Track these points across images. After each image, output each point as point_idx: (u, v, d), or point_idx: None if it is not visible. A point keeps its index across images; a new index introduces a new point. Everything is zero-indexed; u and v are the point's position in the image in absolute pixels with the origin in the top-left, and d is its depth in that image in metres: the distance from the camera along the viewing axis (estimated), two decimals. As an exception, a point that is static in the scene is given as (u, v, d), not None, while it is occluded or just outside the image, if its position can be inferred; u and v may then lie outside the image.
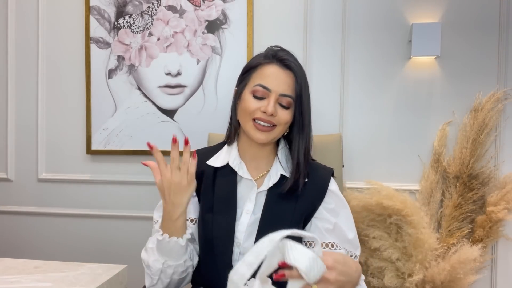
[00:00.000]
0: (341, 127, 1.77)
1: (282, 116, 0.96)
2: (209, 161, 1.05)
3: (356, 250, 1.01)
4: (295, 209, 0.98)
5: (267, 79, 0.96)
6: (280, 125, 0.97)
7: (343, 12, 1.75)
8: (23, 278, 0.86)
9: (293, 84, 0.97)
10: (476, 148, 1.64)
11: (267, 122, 0.95)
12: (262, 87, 0.95)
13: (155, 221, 1.06)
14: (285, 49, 1.02)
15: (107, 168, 1.91)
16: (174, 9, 1.82)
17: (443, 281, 1.54)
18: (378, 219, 1.61)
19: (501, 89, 1.66)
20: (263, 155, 1.04)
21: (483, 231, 1.61)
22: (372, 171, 1.75)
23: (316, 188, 1.01)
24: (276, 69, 0.97)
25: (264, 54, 1.01)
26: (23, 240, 2.00)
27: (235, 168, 1.02)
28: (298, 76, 0.97)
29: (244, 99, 0.98)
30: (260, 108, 0.95)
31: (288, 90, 0.96)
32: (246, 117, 0.97)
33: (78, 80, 1.93)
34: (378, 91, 1.75)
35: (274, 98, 0.95)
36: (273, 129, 0.97)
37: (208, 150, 1.10)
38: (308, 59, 1.77)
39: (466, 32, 1.68)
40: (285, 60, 0.97)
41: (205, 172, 1.04)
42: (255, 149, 1.03)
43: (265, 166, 1.05)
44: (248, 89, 0.98)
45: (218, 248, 0.98)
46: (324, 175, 1.04)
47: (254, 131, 0.97)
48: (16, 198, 2.00)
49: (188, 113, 1.84)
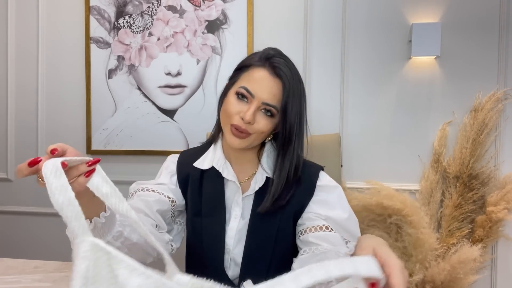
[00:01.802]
0: (341, 127, 1.77)
1: (260, 124, 0.91)
2: (196, 163, 1.01)
3: (354, 239, 0.92)
4: (284, 212, 0.95)
5: (253, 84, 0.91)
6: (255, 133, 0.91)
7: (343, 12, 1.75)
8: (23, 278, 0.86)
9: (279, 94, 0.91)
10: (476, 148, 1.64)
11: (242, 130, 0.90)
12: (246, 91, 0.91)
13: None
14: (283, 55, 0.95)
15: (107, 168, 1.90)
16: (174, 9, 1.82)
17: (443, 281, 1.54)
18: (378, 219, 1.61)
19: (501, 89, 1.66)
20: (246, 159, 1.00)
21: (483, 231, 1.61)
22: (372, 171, 1.75)
23: (305, 186, 0.97)
24: (265, 75, 0.91)
25: (259, 55, 0.96)
26: (23, 240, 2.00)
27: (219, 169, 0.98)
28: (286, 86, 0.90)
29: (227, 100, 0.94)
30: (239, 113, 0.90)
31: (273, 99, 0.90)
32: (225, 120, 0.93)
33: (78, 80, 1.93)
34: (378, 91, 1.75)
35: (255, 105, 0.90)
36: (248, 136, 0.91)
37: (194, 151, 1.06)
38: (308, 59, 1.77)
39: (466, 32, 1.68)
40: (277, 68, 0.91)
41: (190, 174, 1.00)
42: (237, 152, 0.99)
43: (250, 169, 1.01)
44: (234, 89, 0.94)
45: (208, 255, 0.96)
46: (312, 173, 0.99)
47: (229, 135, 0.92)
48: (16, 198, 2.00)
49: (188, 113, 1.84)
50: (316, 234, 0.90)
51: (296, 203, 0.96)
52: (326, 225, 0.91)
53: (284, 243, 0.96)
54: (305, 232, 0.93)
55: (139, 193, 0.97)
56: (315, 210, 0.94)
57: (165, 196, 0.98)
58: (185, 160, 1.03)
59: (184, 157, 1.05)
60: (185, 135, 1.85)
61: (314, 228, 0.91)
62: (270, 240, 0.95)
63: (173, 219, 1.02)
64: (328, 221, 0.92)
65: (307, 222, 0.94)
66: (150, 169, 1.89)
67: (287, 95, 0.90)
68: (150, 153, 1.87)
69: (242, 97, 0.91)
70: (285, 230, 0.96)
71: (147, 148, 1.88)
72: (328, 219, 0.92)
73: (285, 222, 0.95)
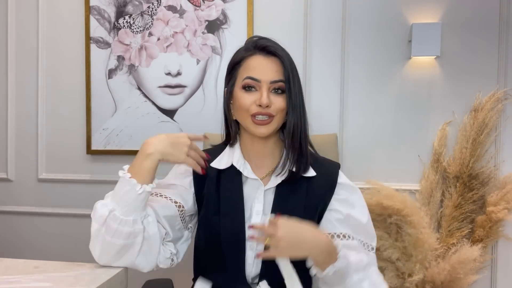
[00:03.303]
0: (341, 127, 1.77)
1: (277, 104, 0.95)
2: (213, 163, 1.02)
3: (371, 240, 0.99)
4: (305, 206, 0.97)
5: (254, 71, 0.95)
6: (277, 114, 0.96)
7: (343, 12, 1.75)
8: (23, 278, 0.86)
9: (280, 69, 0.96)
10: (476, 148, 1.64)
11: (264, 114, 0.94)
12: (251, 79, 0.95)
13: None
14: (264, 37, 1.01)
15: (107, 168, 1.91)
16: (174, 9, 1.82)
17: (443, 281, 1.54)
18: (378, 219, 1.61)
19: (501, 89, 1.66)
20: (267, 152, 1.02)
21: (483, 231, 1.61)
22: (372, 171, 1.75)
23: (326, 182, 1.00)
24: (260, 59, 0.96)
25: (244, 48, 1.00)
26: (23, 240, 2.00)
27: (239, 169, 1.00)
28: (284, 59, 0.96)
29: (237, 97, 0.97)
30: (255, 101, 0.94)
31: (277, 75, 0.95)
32: (244, 114, 0.96)
33: (78, 80, 1.93)
34: (378, 91, 1.75)
35: (266, 87, 0.94)
36: (272, 120, 0.95)
37: (209, 151, 1.07)
38: (308, 59, 1.77)
39: (466, 32, 1.68)
40: (267, 47, 0.97)
41: (207, 174, 1.01)
42: (258, 146, 1.01)
43: (270, 163, 1.02)
44: (238, 86, 0.97)
45: (228, 254, 0.95)
46: (332, 170, 1.03)
47: (254, 127, 0.95)
48: (16, 198, 2.00)
49: (188, 113, 1.84)
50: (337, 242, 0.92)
51: (319, 198, 0.98)
52: (343, 233, 0.95)
53: None
54: None
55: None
56: (336, 207, 0.98)
57: (172, 201, 0.98)
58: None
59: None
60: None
61: (338, 235, 0.95)
62: None
63: (185, 225, 1.02)
64: (349, 221, 0.96)
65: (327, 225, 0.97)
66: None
67: (287, 66, 0.96)
68: (150, 153, 1.87)
69: (249, 88, 0.95)
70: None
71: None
72: (350, 219, 0.96)
73: (309, 216, 0.95)
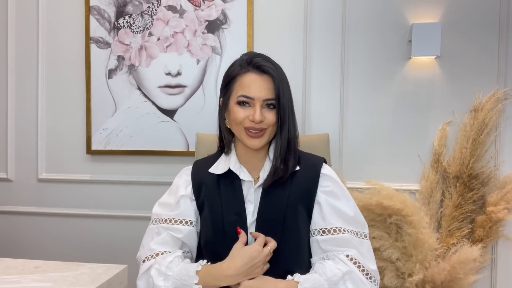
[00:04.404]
0: (341, 127, 1.77)
1: (270, 118, 1.01)
2: (211, 169, 1.08)
3: (363, 228, 1.03)
4: (289, 196, 1.02)
5: (248, 89, 1.01)
6: (269, 127, 1.02)
7: (343, 12, 1.75)
8: (23, 278, 0.86)
9: (272, 86, 1.02)
10: (476, 148, 1.64)
11: (257, 129, 1.01)
12: (245, 97, 1.01)
13: (156, 218, 1.07)
14: (258, 54, 1.06)
15: (107, 168, 1.91)
16: (174, 9, 1.82)
17: (443, 281, 1.54)
18: (378, 219, 1.61)
19: (501, 89, 1.66)
20: (258, 158, 1.09)
21: (483, 231, 1.61)
22: (372, 171, 1.75)
23: (309, 173, 1.05)
24: (254, 77, 1.02)
25: (239, 63, 1.06)
26: (23, 240, 2.00)
27: (236, 172, 1.06)
28: (275, 78, 1.02)
29: (232, 110, 1.03)
30: (248, 116, 1.00)
31: (269, 93, 1.01)
32: (238, 127, 1.03)
33: (78, 80, 1.93)
34: (378, 91, 1.75)
35: (259, 105, 1.00)
36: (264, 133, 1.02)
37: (207, 159, 1.14)
38: (308, 59, 1.77)
39: (466, 32, 1.68)
40: (262, 66, 1.02)
41: (205, 180, 1.07)
42: (252, 153, 1.08)
43: (261, 165, 1.09)
44: (233, 100, 1.03)
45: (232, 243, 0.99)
46: (316, 161, 1.09)
47: (247, 139, 1.02)
48: (16, 198, 2.00)
49: (188, 113, 1.84)
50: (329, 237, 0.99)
51: (304, 188, 1.04)
52: (334, 227, 1.00)
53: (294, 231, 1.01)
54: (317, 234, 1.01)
55: (164, 225, 1.04)
56: (324, 199, 1.03)
57: (188, 223, 1.05)
58: (199, 169, 1.11)
59: (198, 165, 1.13)
60: (185, 135, 1.85)
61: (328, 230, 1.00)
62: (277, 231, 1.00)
63: (198, 233, 1.09)
64: (338, 213, 1.01)
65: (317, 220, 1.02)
66: (150, 169, 1.89)
67: (278, 84, 1.02)
68: (150, 153, 1.87)
69: (244, 104, 1.02)
70: (293, 217, 1.01)
71: (147, 148, 1.88)
72: (338, 211, 1.01)
73: (292, 207, 1.01)
